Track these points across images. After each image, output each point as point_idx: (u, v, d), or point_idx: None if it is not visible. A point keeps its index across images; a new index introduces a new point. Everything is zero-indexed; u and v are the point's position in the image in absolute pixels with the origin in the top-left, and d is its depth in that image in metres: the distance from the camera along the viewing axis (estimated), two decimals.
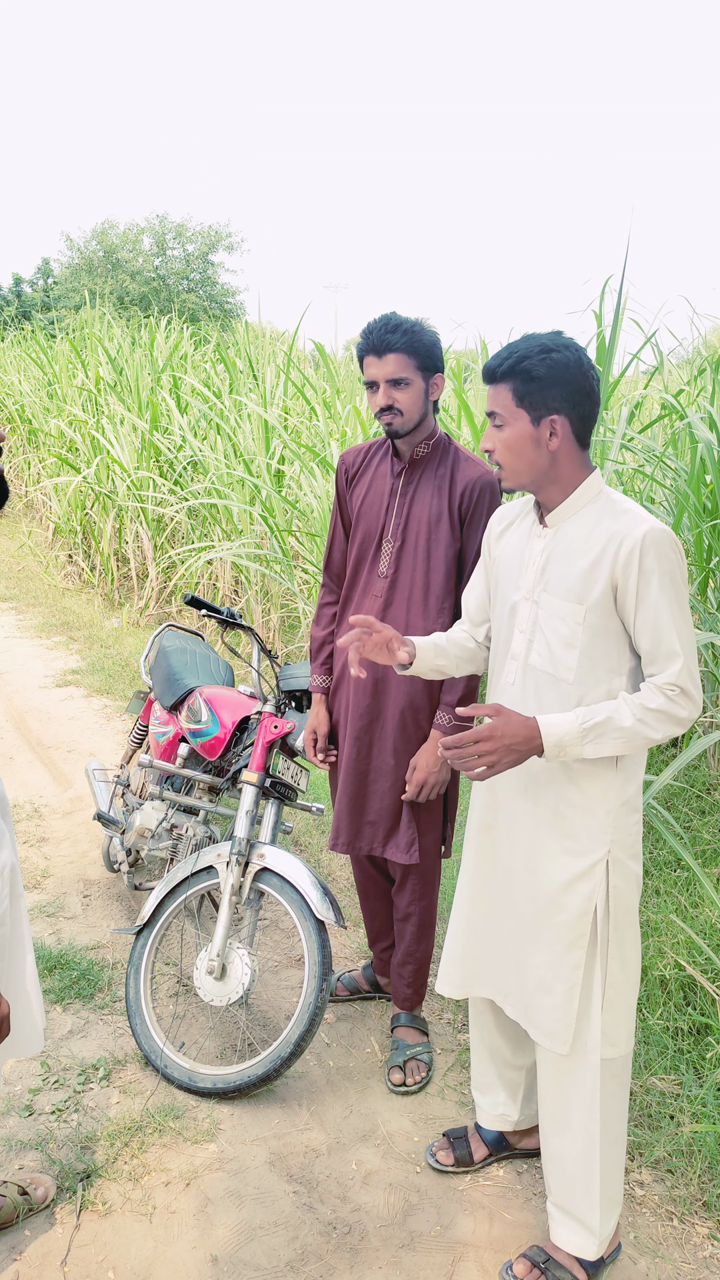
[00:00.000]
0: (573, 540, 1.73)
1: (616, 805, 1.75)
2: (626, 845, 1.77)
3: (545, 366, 1.65)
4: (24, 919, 1.84)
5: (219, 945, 2.39)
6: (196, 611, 2.65)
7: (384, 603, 2.32)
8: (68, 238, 30.93)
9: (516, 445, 1.71)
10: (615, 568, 1.65)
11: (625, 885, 1.77)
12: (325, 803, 3.78)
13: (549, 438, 1.69)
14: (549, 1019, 1.80)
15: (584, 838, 1.75)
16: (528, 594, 1.79)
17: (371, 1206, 2.07)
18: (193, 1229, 1.99)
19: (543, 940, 1.80)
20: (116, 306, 26.09)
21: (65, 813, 3.90)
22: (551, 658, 1.75)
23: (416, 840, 2.37)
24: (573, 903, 1.76)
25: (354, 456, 2.44)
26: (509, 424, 1.71)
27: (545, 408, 1.68)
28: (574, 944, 1.77)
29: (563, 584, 1.72)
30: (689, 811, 3.49)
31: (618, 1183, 1.86)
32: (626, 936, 1.79)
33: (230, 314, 29.14)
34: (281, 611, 6.09)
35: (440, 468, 2.30)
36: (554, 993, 1.79)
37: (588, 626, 1.70)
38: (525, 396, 1.68)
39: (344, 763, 2.41)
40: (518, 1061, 2.08)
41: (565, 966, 1.78)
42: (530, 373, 1.66)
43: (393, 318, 2.19)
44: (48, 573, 8.05)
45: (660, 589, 1.63)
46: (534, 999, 1.83)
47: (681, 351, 6.85)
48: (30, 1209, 1.98)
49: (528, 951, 1.84)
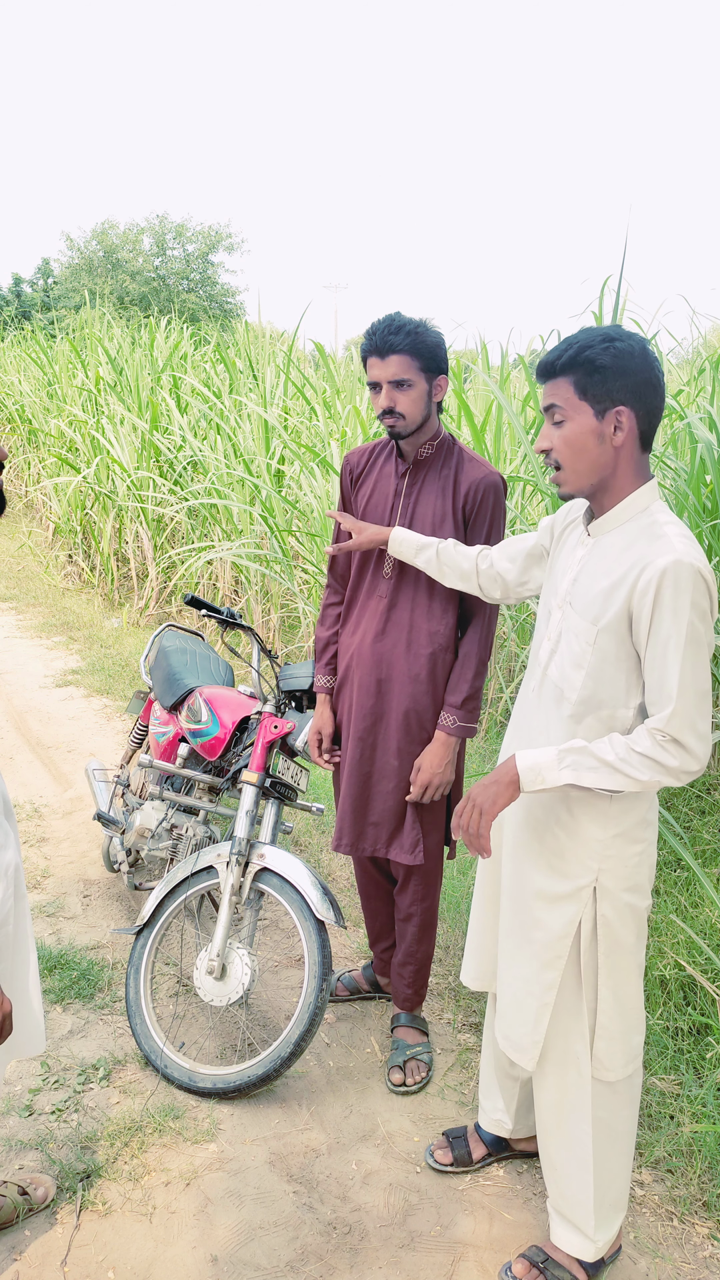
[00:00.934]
0: (605, 556, 1.64)
1: (609, 835, 1.67)
2: (622, 877, 1.69)
3: (610, 356, 1.55)
4: (27, 919, 1.84)
5: (219, 945, 2.39)
6: (196, 611, 2.65)
7: (388, 604, 2.32)
8: (68, 238, 30.93)
9: (579, 441, 1.60)
10: (633, 594, 1.56)
11: (617, 917, 1.69)
12: (325, 803, 3.78)
13: (614, 432, 1.58)
14: (516, 1032, 1.79)
15: (570, 859, 1.70)
16: (560, 603, 1.72)
17: (371, 1206, 2.07)
18: (193, 1229, 1.99)
19: (522, 954, 1.78)
20: (116, 306, 26.08)
21: (65, 813, 3.90)
22: (562, 673, 1.69)
23: (421, 841, 2.37)
24: (552, 922, 1.71)
25: (358, 457, 2.44)
26: (570, 418, 1.59)
27: (610, 399, 1.57)
28: (549, 964, 1.72)
29: (583, 599, 1.65)
30: (689, 811, 3.49)
31: (621, 1191, 1.85)
32: (621, 968, 1.72)
33: (230, 314, 29.12)
34: (281, 611, 6.09)
35: (444, 468, 2.30)
36: (524, 1008, 1.76)
37: (597, 649, 1.61)
38: (589, 388, 1.57)
39: (348, 763, 2.41)
40: (514, 1072, 2.07)
41: (538, 984, 1.74)
42: (594, 362, 1.55)
43: (396, 318, 2.18)
44: (48, 573, 8.05)
45: (674, 625, 1.51)
46: (507, 1011, 1.82)
47: (681, 351, 6.85)
48: (30, 1209, 1.98)
49: (507, 961, 1.83)
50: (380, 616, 2.32)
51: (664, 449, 4.01)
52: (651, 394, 1.59)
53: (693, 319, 6.34)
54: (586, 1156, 1.78)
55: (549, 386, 1.63)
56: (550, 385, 1.62)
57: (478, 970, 2.03)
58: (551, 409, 1.62)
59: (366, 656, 2.33)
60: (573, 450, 1.61)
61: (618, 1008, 1.73)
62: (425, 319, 2.20)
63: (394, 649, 2.31)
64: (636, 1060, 1.79)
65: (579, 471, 1.62)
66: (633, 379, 1.56)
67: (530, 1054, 1.77)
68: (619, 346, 1.56)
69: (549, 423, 1.64)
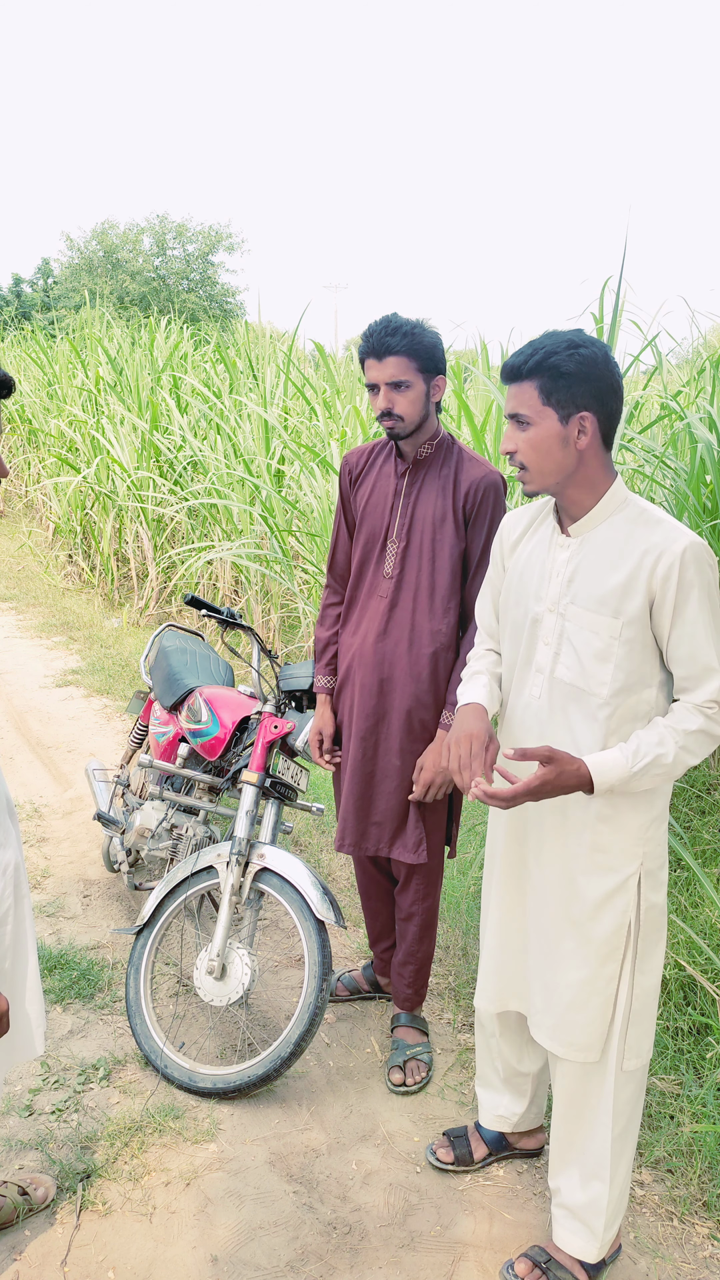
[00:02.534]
0: (604, 551, 1.67)
1: (648, 820, 1.72)
2: (657, 856, 1.75)
3: (574, 362, 1.59)
4: (29, 920, 1.83)
5: (219, 945, 2.39)
6: (196, 611, 2.65)
7: (389, 604, 2.32)
8: (68, 238, 30.94)
9: (544, 445, 1.64)
10: (653, 581, 1.60)
11: (656, 895, 1.75)
12: (325, 803, 3.78)
13: (578, 436, 1.63)
14: (582, 1035, 1.77)
15: (616, 852, 1.72)
16: (552, 606, 1.73)
17: (371, 1206, 2.07)
18: (193, 1229, 1.99)
19: (577, 957, 1.76)
20: (116, 306, 26.08)
21: (65, 813, 3.90)
22: (582, 671, 1.70)
23: (424, 840, 2.37)
24: (608, 918, 1.73)
25: (357, 457, 2.44)
26: (535, 423, 1.64)
27: (574, 405, 1.62)
28: (609, 957, 1.74)
29: (594, 596, 1.67)
30: (689, 811, 3.49)
31: (624, 1189, 1.86)
32: (655, 945, 1.77)
33: (230, 314, 29.14)
34: (281, 611, 6.09)
35: (444, 468, 2.30)
36: (588, 1007, 1.76)
37: (624, 640, 1.65)
38: (553, 394, 1.61)
39: (350, 763, 2.41)
40: (523, 1069, 2.07)
41: (601, 980, 1.75)
42: (559, 369, 1.60)
43: (393, 320, 2.18)
44: (48, 573, 8.05)
45: (699, 604, 1.59)
46: (565, 1017, 1.79)
47: (680, 352, 6.86)
48: (30, 1209, 1.98)
49: (557, 971, 1.80)
50: (382, 616, 2.32)
51: (664, 449, 4.01)
52: (613, 398, 1.65)
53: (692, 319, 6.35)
54: (605, 1151, 1.79)
55: (513, 390, 1.67)
56: (515, 389, 1.66)
57: (500, 990, 1.98)
58: (517, 415, 1.66)
59: (368, 656, 2.33)
60: (538, 453, 1.66)
61: (648, 986, 1.77)
62: (422, 319, 2.20)
63: (396, 649, 2.31)
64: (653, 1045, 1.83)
65: (544, 472, 1.67)
66: (596, 385, 1.62)
67: (596, 1047, 1.77)
68: (583, 353, 1.60)
69: (513, 426, 1.68)
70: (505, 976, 1.97)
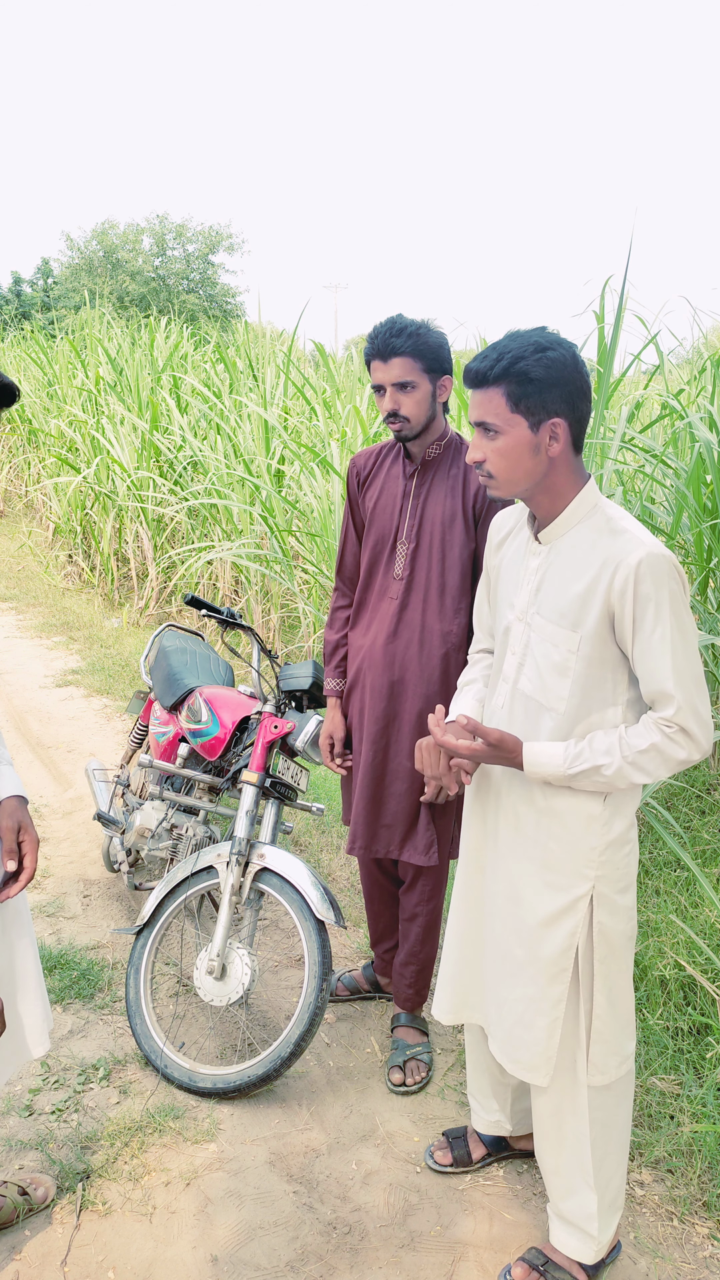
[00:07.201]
0: (568, 561, 1.61)
1: (603, 844, 1.66)
2: (614, 880, 1.69)
3: (543, 367, 1.52)
4: (27, 919, 1.83)
5: (219, 945, 2.39)
6: (196, 611, 2.65)
7: (400, 605, 2.31)
8: (68, 238, 30.99)
9: (513, 454, 1.57)
10: (611, 594, 1.54)
11: (612, 920, 1.70)
12: (325, 803, 3.78)
13: (549, 443, 1.57)
14: (528, 1053, 1.74)
15: (567, 872, 1.68)
16: (521, 614, 1.69)
17: (371, 1206, 2.07)
18: (193, 1229, 1.99)
19: (524, 974, 1.74)
20: (116, 307, 26.07)
21: (65, 813, 3.90)
22: (542, 684, 1.65)
23: (435, 842, 2.36)
24: (555, 938, 1.69)
25: (365, 459, 2.43)
26: (504, 431, 1.57)
27: (545, 411, 1.55)
28: (556, 978, 1.71)
29: (555, 608, 1.62)
30: (689, 811, 3.49)
31: (619, 1189, 1.85)
32: (614, 969, 1.72)
33: (230, 314, 29.14)
34: (281, 611, 6.09)
35: (453, 468, 2.30)
36: (534, 1027, 1.73)
37: (582, 656, 1.59)
38: (522, 400, 1.54)
39: (361, 766, 2.40)
40: (506, 1079, 2.05)
41: (546, 1001, 1.72)
42: (527, 374, 1.52)
43: (398, 320, 2.17)
44: (48, 573, 8.05)
45: (657, 618, 1.52)
46: (513, 1034, 1.77)
47: (681, 351, 6.86)
48: (30, 1209, 1.98)
49: (507, 985, 1.78)
50: (392, 618, 2.31)
51: (664, 448, 4.01)
52: (583, 401, 1.58)
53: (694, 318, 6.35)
54: (587, 1161, 1.77)
55: (479, 396, 1.59)
56: (480, 395, 1.58)
57: (455, 1001, 1.95)
58: (484, 423, 1.59)
59: (379, 658, 2.33)
60: (508, 462, 1.59)
61: (612, 1011, 1.73)
62: (427, 320, 2.20)
63: (407, 650, 2.30)
64: (629, 1061, 1.79)
65: (514, 480, 1.61)
66: (566, 389, 1.55)
67: (543, 1071, 1.73)
68: (551, 356, 1.53)
69: (480, 434, 1.61)
70: (462, 987, 1.94)
